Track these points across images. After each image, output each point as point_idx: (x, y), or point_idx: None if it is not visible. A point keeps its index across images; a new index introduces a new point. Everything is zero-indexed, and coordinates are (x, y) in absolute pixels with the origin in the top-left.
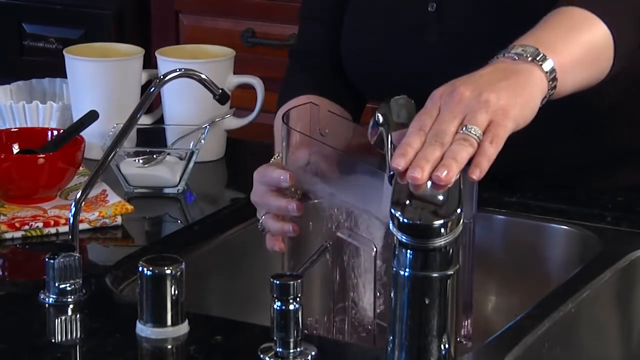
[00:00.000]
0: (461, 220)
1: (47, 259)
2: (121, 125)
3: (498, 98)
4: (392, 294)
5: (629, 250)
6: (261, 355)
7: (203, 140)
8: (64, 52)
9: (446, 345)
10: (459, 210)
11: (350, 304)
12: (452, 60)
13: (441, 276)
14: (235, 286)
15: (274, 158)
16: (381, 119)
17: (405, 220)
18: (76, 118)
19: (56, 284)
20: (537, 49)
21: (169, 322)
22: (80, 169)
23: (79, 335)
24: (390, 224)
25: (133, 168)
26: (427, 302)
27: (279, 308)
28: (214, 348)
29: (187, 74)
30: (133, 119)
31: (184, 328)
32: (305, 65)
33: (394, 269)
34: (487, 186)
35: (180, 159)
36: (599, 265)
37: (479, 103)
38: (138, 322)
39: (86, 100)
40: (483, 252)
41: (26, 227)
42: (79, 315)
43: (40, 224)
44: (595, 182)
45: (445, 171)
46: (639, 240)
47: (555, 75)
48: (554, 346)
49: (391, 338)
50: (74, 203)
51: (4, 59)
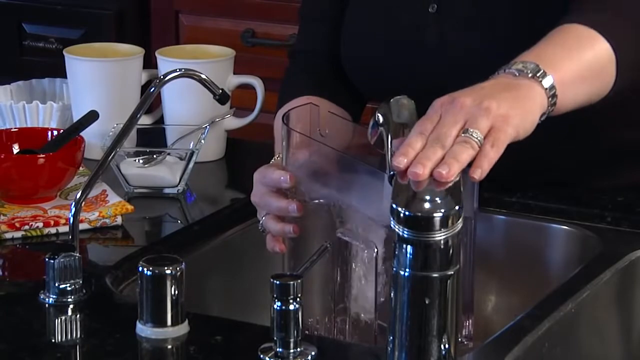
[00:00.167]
0: (461, 216)
1: (47, 259)
2: (121, 126)
3: (499, 106)
4: (393, 294)
5: (629, 251)
6: (261, 356)
7: (203, 141)
8: (64, 52)
9: (446, 345)
10: (459, 206)
11: (351, 305)
12: (452, 60)
13: (441, 276)
14: (235, 286)
15: (274, 159)
16: (381, 119)
17: (407, 213)
18: (76, 118)
19: (56, 284)
20: (538, 65)
21: (169, 322)
22: (80, 169)
23: (79, 336)
24: (391, 221)
25: (133, 168)
26: (428, 302)
27: (279, 308)
28: (214, 348)
29: (187, 74)
30: (133, 119)
31: (184, 328)
32: (305, 66)
33: (394, 269)
34: (488, 186)
35: (180, 159)
36: (599, 266)
37: (480, 110)
38: (138, 322)
39: (86, 100)
40: (483, 252)
41: (26, 227)
42: (79, 316)
43: (40, 224)
44: (596, 182)
45: (447, 169)
46: (639, 240)
47: (555, 92)
48: (554, 346)
49: (391, 338)
50: (74, 203)
51: (4, 59)
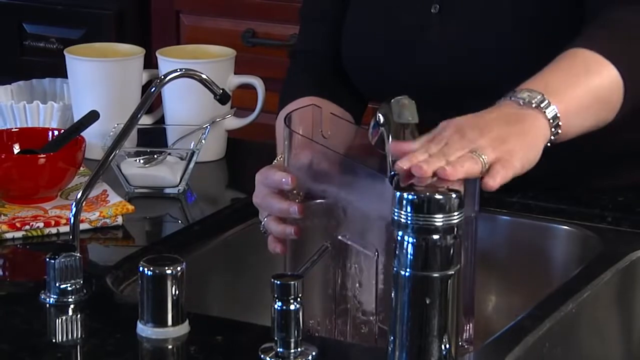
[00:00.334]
0: (462, 206)
1: (48, 259)
2: (122, 126)
3: (503, 141)
4: (393, 294)
5: (630, 251)
6: (262, 356)
7: (204, 141)
8: (65, 52)
9: (447, 346)
10: (460, 197)
11: (351, 306)
12: (454, 60)
13: (442, 276)
14: (235, 286)
15: (277, 159)
16: (382, 119)
17: (410, 197)
18: (77, 118)
19: (57, 284)
20: (543, 96)
21: (170, 322)
22: (81, 169)
23: (79, 336)
24: (394, 212)
25: (134, 168)
26: (428, 302)
27: (279, 308)
28: (214, 348)
29: (188, 74)
30: (134, 119)
31: (185, 328)
32: (306, 66)
33: (395, 269)
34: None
35: (181, 159)
36: (600, 266)
37: (486, 141)
38: (139, 322)
39: (87, 100)
40: (484, 252)
41: (27, 227)
42: (79, 316)
43: (41, 224)
44: (596, 182)
45: (452, 168)
46: (639, 240)
47: (558, 122)
48: (555, 346)
49: (392, 338)
50: (74, 203)
51: (4, 59)
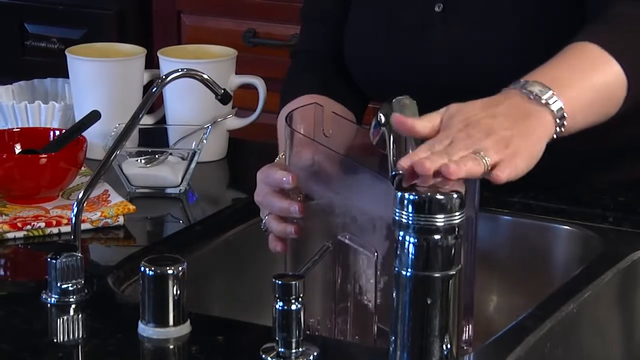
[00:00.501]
0: (463, 207)
1: (49, 259)
2: (123, 125)
3: (507, 144)
4: (394, 294)
5: (631, 251)
6: (263, 356)
7: (205, 141)
8: (66, 52)
9: (448, 346)
10: (462, 197)
11: (351, 305)
12: (457, 60)
13: (443, 276)
14: (237, 286)
15: (278, 157)
16: (383, 119)
17: (411, 197)
18: (78, 118)
19: (58, 284)
20: (552, 92)
21: (171, 322)
22: (82, 169)
23: (81, 336)
24: (395, 212)
25: (135, 168)
26: (429, 302)
27: (281, 308)
28: (215, 348)
29: (189, 74)
30: (135, 119)
31: (186, 328)
32: (307, 66)
33: (396, 269)
34: (489, 186)
35: (182, 159)
36: (601, 266)
37: (490, 143)
38: (140, 322)
39: (88, 100)
40: (485, 252)
41: (28, 227)
42: (81, 316)
43: (42, 224)
44: (596, 177)
45: (455, 166)
46: None
47: (564, 121)
48: (556, 346)
49: (393, 338)
50: (76, 203)
51: (6, 59)
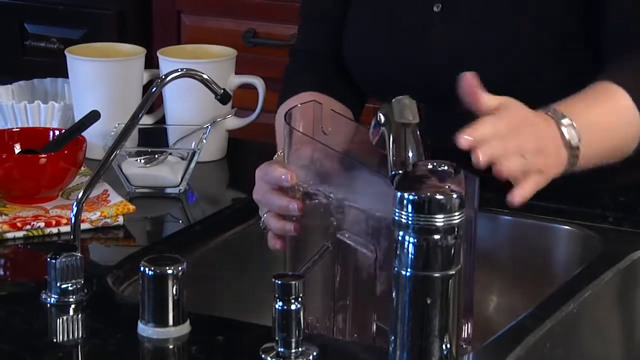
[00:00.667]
0: (463, 206)
1: (49, 259)
2: (123, 125)
3: (546, 168)
4: (394, 294)
5: (631, 251)
6: (263, 355)
7: (204, 140)
8: (66, 52)
9: (448, 345)
10: (461, 197)
11: (350, 304)
12: (456, 60)
13: (443, 276)
14: (236, 286)
15: (277, 155)
16: (383, 119)
17: (411, 197)
18: (78, 118)
19: (58, 284)
20: (579, 139)
21: (171, 322)
22: (82, 169)
23: (80, 335)
24: (395, 211)
25: (135, 168)
26: (429, 302)
27: (280, 308)
28: (215, 348)
29: (189, 74)
30: (135, 118)
31: (186, 328)
32: (306, 65)
33: (396, 269)
34: (489, 186)
35: (182, 159)
36: (601, 266)
37: (540, 163)
38: (140, 322)
39: (88, 100)
40: (485, 252)
41: (28, 227)
42: (80, 315)
43: (42, 224)
44: (595, 183)
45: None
46: None
47: (574, 167)
48: (556, 346)
49: (393, 338)
50: (75, 203)
51: (5, 59)
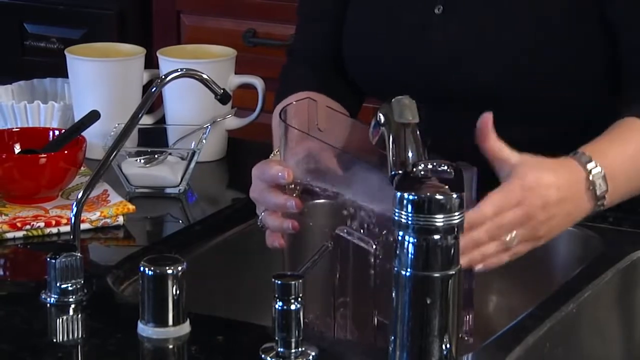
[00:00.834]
0: (463, 206)
1: (49, 259)
2: (123, 125)
3: (545, 237)
4: (394, 294)
5: (631, 251)
6: (262, 355)
7: (204, 140)
8: (66, 52)
9: (448, 345)
10: (462, 196)
11: (350, 300)
12: (456, 61)
13: (443, 276)
14: (236, 286)
15: (273, 154)
16: (383, 119)
17: (411, 197)
18: (78, 118)
19: (58, 284)
20: (606, 191)
21: (171, 322)
22: (82, 169)
23: (80, 335)
24: (395, 212)
25: (134, 168)
26: (429, 302)
27: (280, 308)
28: (215, 348)
29: (189, 74)
30: (134, 118)
31: (186, 328)
32: (305, 64)
33: (396, 269)
34: (489, 186)
35: (182, 158)
36: (601, 266)
37: (533, 233)
38: (139, 322)
39: (88, 100)
40: None
41: (27, 227)
42: (80, 315)
43: (42, 224)
44: None
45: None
46: None
47: (598, 211)
48: (556, 346)
49: (393, 338)
50: (75, 203)
51: (5, 59)
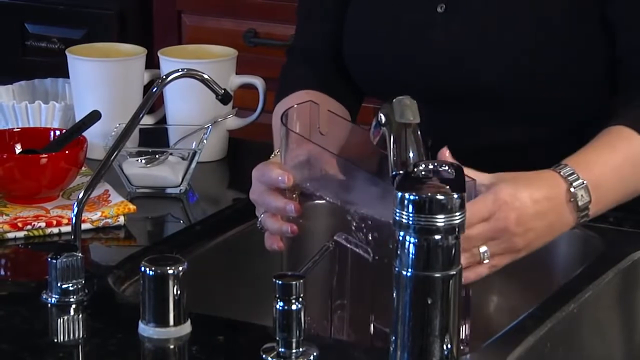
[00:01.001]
0: (464, 207)
1: (50, 259)
2: (123, 125)
3: (525, 249)
4: (395, 294)
5: (631, 251)
6: (263, 356)
7: (205, 140)
8: (67, 52)
9: (448, 346)
10: (463, 196)
11: (348, 305)
12: (458, 60)
13: (443, 276)
14: (237, 286)
15: (274, 154)
16: (384, 119)
17: (412, 197)
18: (78, 118)
19: (58, 284)
20: (589, 202)
21: (172, 322)
22: (83, 169)
23: (81, 335)
24: (395, 212)
25: (135, 168)
26: (430, 303)
27: (281, 308)
28: (216, 348)
29: (190, 74)
30: (135, 119)
31: (186, 328)
32: (305, 63)
33: (397, 269)
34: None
35: (183, 159)
36: (601, 266)
37: (509, 246)
38: (140, 322)
39: (88, 100)
40: None
41: (28, 227)
42: (81, 315)
43: (43, 224)
44: None
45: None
46: None
47: (583, 222)
48: (556, 346)
49: (393, 338)
50: (76, 203)
51: (6, 59)
